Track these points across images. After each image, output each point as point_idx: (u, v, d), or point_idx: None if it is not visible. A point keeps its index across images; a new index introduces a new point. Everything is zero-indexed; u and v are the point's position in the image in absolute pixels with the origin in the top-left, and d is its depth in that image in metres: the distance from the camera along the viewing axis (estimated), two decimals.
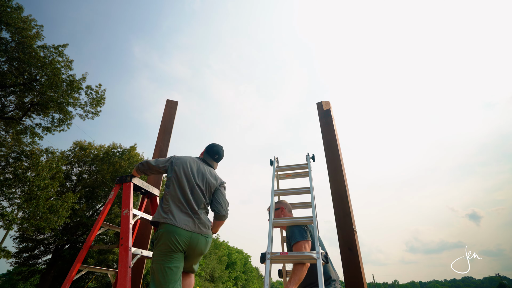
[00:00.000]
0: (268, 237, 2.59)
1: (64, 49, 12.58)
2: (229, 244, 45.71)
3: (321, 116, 3.53)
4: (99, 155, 19.53)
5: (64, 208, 12.30)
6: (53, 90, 12.36)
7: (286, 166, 3.63)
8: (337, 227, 2.79)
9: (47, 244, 17.43)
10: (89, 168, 19.51)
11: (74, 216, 16.85)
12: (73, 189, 18.74)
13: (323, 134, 3.39)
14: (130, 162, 19.02)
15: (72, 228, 17.57)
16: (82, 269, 2.24)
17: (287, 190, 3.22)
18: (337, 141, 3.30)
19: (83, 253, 2.18)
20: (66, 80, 12.71)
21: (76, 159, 19.38)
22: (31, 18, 11.97)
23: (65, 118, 13.57)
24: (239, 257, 46.09)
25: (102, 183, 18.25)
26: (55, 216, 11.91)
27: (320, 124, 3.49)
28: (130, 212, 2.16)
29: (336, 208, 2.89)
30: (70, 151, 19.59)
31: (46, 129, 13.42)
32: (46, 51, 12.15)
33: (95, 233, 2.27)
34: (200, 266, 27.75)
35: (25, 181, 11.37)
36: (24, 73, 11.83)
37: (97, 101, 13.96)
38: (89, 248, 2.24)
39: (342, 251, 2.60)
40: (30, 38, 11.56)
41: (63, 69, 12.59)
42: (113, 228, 2.51)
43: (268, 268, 2.33)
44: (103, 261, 16.15)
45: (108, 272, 2.39)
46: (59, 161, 13.18)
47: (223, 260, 36.81)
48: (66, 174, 18.57)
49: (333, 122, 3.45)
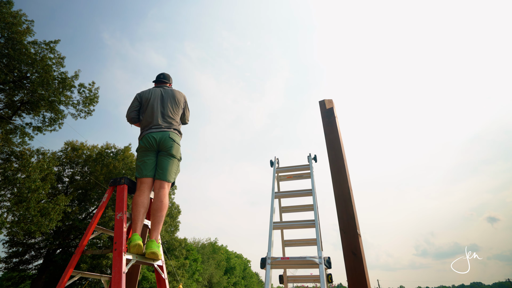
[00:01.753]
0: (269, 241, 2.59)
1: (55, 45, 12.59)
2: (228, 249, 45.74)
3: (324, 115, 3.53)
4: (92, 155, 19.53)
5: (56, 211, 12.30)
6: (44, 88, 12.36)
7: (287, 167, 3.63)
8: (341, 231, 2.79)
9: (38, 248, 17.41)
10: (81, 169, 19.51)
11: (66, 220, 16.84)
12: (65, 191, 18.74)
13: (325, 133, 3.39)
14: (125, 163, 19.02)
15: (64, 232, 17.56)
16: (74, 275, 2.23)
17: (288, 192, 3.22)
18: (340, 140, 3.30)
19: (75, 258, 2.18)
20: (58, 78, 12.71)
21: (68, 160, 19.38)
22: (21, 13, 11.98)
23: (57, 117, 13.56)
24: (238, 262, 46.10)
25: (96, 185, 18.25)
26: (46, 219, 11.91)
27: (322, 123, 3.49)
28: (124, 216, 2.16)
29: (339, 211, 2.89)
30: (61, 151, 19.59)
31: (37, 129, 13.42)
32: (37, 48, 12.16)
33: (88, 237, 2.27)
34: (198, 272, 27.75)
35: (15, 183, 11.37)
36: (14, 70, 11.83)
37: (90, 99, 13.96)
38: (82, 253, 2.24)
39: (346, 256, 2.59)
40: (20, 34, 11.56)
41: (55, 66, 12.60)
42: (107, 232, 2.51)
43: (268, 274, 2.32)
44: (97, 266, 16.15)
45: (102, 278, 2.38)
46: (51, 162, 13.17)
47: (221, 265, 36.82)
48: (58, 175, 18.57)
49: (336, 121, 3.45)
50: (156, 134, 2.54)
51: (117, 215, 2.17)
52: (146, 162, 2.49)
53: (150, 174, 2.46)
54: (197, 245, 35.59)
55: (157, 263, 2.36)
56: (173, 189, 21.88)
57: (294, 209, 3.61)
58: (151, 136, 2.54)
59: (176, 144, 2.61)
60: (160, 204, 2.35)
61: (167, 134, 2.56)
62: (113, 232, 2.14)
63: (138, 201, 2.29)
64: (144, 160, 2.50)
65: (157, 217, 2.31)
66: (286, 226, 2.84)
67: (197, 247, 34.57)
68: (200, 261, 29.25)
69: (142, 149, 2.56)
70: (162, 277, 2.41)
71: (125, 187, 2.34)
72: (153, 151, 2.56)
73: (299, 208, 3.50)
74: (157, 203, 2.35)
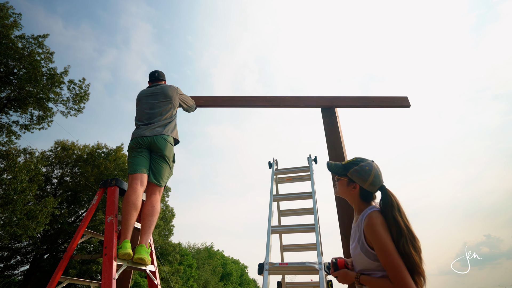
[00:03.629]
0: (266, 246, 2.60)
1: (44, 39, 12.53)
2: (224, 254, 45.69)
3: (325, 115, 3.54)
4: (82, 155, 19.45)
5: (44, 214, 12.22)
6: (32, 84, 12.30)
7: (286, 169, 3.64)
8: (342, 235, 2.80)
9: (25, 253, 17.31)
10: (71, 170, 19.43)
11: (54, 223, 16.75)
12: (53, 193, 18.64)
13: (326, 134, 3.39)
14: (117, 164, 18.95)
15: (52, 236, 17.47)
16: (62, 281, 2.22)
17: (287, 195, 3.22)
18: (342, 141, 3.31)
19: (63, 263, 2.17)
20: (47, 74, 12.65)
21: (58, 160, 19.28)
22: (8, 5, 11.92)
23: (45, 115, 13.50)
24: (235, 268, 46.07)
25: (86, 187, 18.18)
26: (33, 222, 11.83)
27: (323, 123, 3.50)
28: (115, 219, 2.16)
29: (340, 214, 2.90)
30: (50, 151, 19.49)
31: (24, 127, 13.35)
32: (25, 42, 12.10)
33: (77, 241, 2.26)
34: (193, 278, 27.71)
35: (0, 184, 11.30)
36: (0, 66, 11.77)
37: (80, 96, 13.91)
38: (71, 258, 2.23)
39: None
40: (7, 27, 11.50)
41: (43, 61, 12.54)
42: (97, 236, 2.50)
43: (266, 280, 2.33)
44: (86, 272, 16.07)
45: (91, 284, 2.38)
46: (39, 162, 13.11)
47: (217, 271, 36.77)
48: (46, 176, 18.47)
49: (337, 121, 3.46)
50: (148, 136, 2.57)
51: (108, 218, 2.16)
52: (138, 157, 2.53)
53: (142, 170, 2.47)
54: (192, 250, 35.53)
55: (149, 268, 2.35)
56: (166, 190, 21.83)
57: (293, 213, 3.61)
58: (142, 137, 2.57)
59: (169, 144, 2.63)
60: (151, 209, 2.35)
61: (159, 135, 2.59)
62: (103, 236, 2.14)
63: (130, 201, 2.27)
64: (136, 156, 2.54)
65: (148, 221, 2.31)
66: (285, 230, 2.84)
67: (192, 252, 34.51)
68: (195, 266, 29.20)
69: (133, 148, 2.58)
70: (155, 283, 2.40)
71: (116, 189, 2.33)
72: (145, 150, 2.60)
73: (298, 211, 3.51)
74: (148, 208, 2.35)
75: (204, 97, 3.76)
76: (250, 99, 3.71)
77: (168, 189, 22.03)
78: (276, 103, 3.67)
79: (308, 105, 3.62)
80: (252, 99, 3.71)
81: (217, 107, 3.76)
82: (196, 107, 3.54)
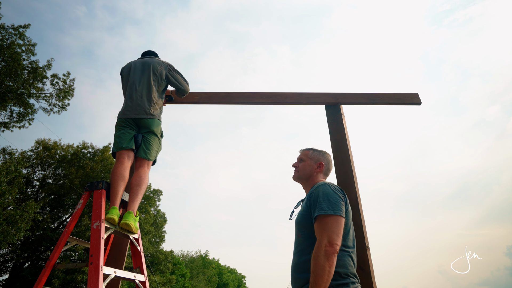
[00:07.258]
0: None
1: (25, 30, 12.50)
2: (220, 263, 45.71)
3: (329, 112, 3.54)
4: (66, 156, 19.40)
5: (24, 219, 12.19)
6: (12, 78, 12.26)
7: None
8: None
9: (4, 262, 17.27)
10: (54, 171, 19.38)
11: (36, 229, 16.71)
12: (35, 196, 18.59)
13: (330, 133, 3.40)
14: (103, 165, 18.92)
15: (34, 242, 17.42)
16: None
17: None
18: (347, 141, 3.31)
19: (46, 272, 2.16)
20: (28, 67, 12.62)
21: (39, 161, 19.23)
22: None
23: (26, 112, 13.47)
24: (231, 278, 46.07)
25: (70, 190, 18.14)
26: (13, 228, 11.80)
27: (327, 121, 3.50)
28: (102, 225, 2.15)
29: None
30: (31, 151, 19.43)
31: (3, 125, 13.30)
32: (4, 33, 12.06)
33: (60, 249, 2.26)
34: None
35: None
36: None
37: (64, 92, 13.89)
38: (53, 267, 2.22)
39: None
40: None
41: (24, 54, 12.51)
42: (82, 243, 2.49)
43: None
44: (71, 282, 16.03)
45: None
46: (19, 163, 13.07)
47: (212, 281, 36.75)
48: (27, 178, 18.42)
49: (343, 119, 3.46)
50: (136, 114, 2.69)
51: (94, 224, 2.15)
52: (124, 134, 2.64)
53: (128, 146, 2.58)
54: (185, 259, 35.51)
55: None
56: (158, 194, 21.82)
57: None
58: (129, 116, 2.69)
59: (156, 120, 2.75)
60: (139, 179, 2.49)
61: (146, 111, 2.70)
62: (89, 243, 2.13)
63: (117, 172, 2.40)
64: (122, 132, 2.65)
65: (135, 190, 2.43)
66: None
67: (185, 260, 34.49)
68: (188, 276, 29.17)
69: (120, 126, 2.70)
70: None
71: (103, 192, 2.32)
72: (132, 126, 2.71)
73: None
74: (136, 178, 2.49)
75: (199, 93, 3.75)
76: (248, 95, 3.71)
77: (159, 192, 22.03)
78: (276, 99, 3.67)
79: (311, 102, 3.62)
80: (251, 95, 3.70)
81: (213, 104, 3.75)
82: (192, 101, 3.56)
